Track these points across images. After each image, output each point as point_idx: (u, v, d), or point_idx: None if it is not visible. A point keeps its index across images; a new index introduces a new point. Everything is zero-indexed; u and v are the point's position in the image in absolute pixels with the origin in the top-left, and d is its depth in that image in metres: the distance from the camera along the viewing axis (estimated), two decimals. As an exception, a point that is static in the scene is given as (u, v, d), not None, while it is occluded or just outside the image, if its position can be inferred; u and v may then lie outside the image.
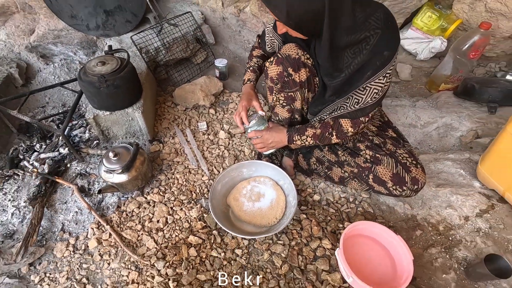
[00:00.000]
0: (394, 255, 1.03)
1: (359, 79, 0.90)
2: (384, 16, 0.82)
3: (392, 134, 1.16)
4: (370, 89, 0.90)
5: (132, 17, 1.69)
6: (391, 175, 1.04)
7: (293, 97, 1.06)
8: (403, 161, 1.05)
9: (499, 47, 1.60)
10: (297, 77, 1.00)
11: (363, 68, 0.88)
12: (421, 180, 1.03)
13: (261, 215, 1.16)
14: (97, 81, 1.14)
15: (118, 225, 1.16)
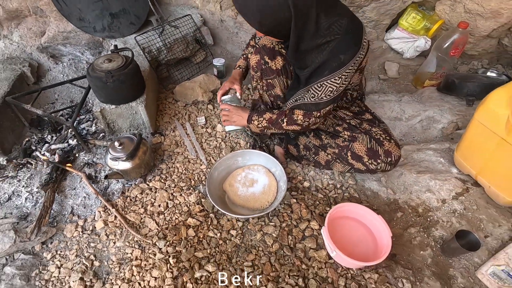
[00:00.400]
0: (375, 233, 1.12)
1: (319, 76, 1.00)
2: (347, 24, 0.92)
3: (368, 117, 1.25)
4: (325, 86, 1.00)
5: (135, 19, 1.81)
6: (366, 150, 1.13)
7: (272, 84, 1.18)
8: (376, 136, 1.15)
9: (480, 45, 1.70)
10: (273, 64, 1.12)
11: (322, 67, 0.99)
12: (394, 153, 1.12)
13: (254, 199, 1.26)
14: (104, 76, 1.25)
15: (123, 209, 1.26)
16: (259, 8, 0.87)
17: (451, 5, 1.61)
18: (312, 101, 1.05)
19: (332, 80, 0.98)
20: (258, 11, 0.87)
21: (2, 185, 1.30)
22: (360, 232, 1.15)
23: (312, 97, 1.04)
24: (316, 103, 1.05)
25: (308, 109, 1.07)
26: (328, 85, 0.99)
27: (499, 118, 0.95)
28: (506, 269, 0.95)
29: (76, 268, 1.09)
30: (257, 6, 0.86)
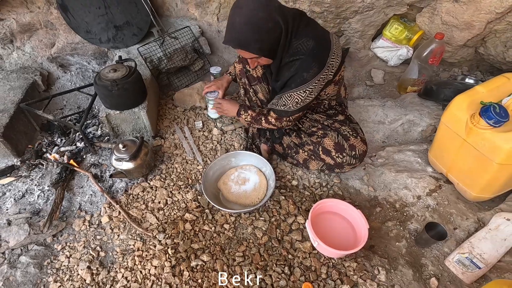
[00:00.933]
0: (355, 225, 1.24)
1: (288, 87, 1.16)
2: (312, 45, 1.06)
3: (341, 118, 1.38)
4: (293, 97, 1.16)
5: (138, 31, 1.95)
6: (334, 144, 1.27)
7: (255, 89, 1.33)
8: (344, 133, 1.29)
9: (458, 54, 1.82)
10: (254, 72, 1.27)
11: (290, 81, 1.15)
12: (358, 147, 1.25)
13: (246, 196, 1.38)
14: (110, 85, 1.38)
15: (126, 205, 1.37)
16: (256, 38, 0.98)
17: (429, 17, 1.74)
18: (282, 108, 1.22)
19: (297, 92, 1.14)
20: (255, 41, 0.98)
21: (16, 183, 1.43)
22: (341, 225, 1.26)
23: (283, 105, 1.21)
24: (285, 111, 1.22)
25: (280, 114, 1.25)
26: (294, 96, 1.16)
27: (460, 121, 1.07)
28: (469, 257, 1.06)
29: (83, 258, 1.21)
30: (253, 36, 0.97)
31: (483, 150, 1.02)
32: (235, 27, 0.95)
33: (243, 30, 0.94)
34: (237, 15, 0.94)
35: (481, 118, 0.98)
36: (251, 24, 0.94)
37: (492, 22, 1.53)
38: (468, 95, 1.08)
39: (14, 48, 1.82)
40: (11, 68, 1.82)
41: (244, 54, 1.06)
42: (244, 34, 0.95)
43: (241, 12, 0.94)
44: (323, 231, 1.20)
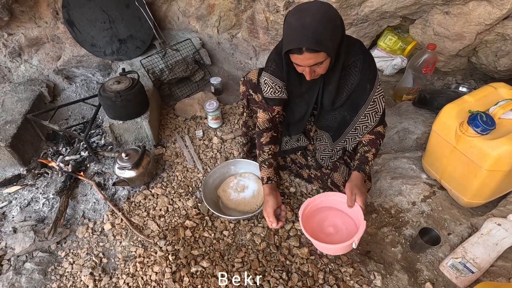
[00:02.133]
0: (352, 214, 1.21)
1: (362, 94, 1.07)
2: (360, 43, 1.06)
3: None
4: (377, 100, 1.09)
5: (141, 44, 2.02)
6: (344, 181, 1.29)
7: (255, 110, 1.33)
8: None
9: (451, 63, 1.88)
10: (256, 98, 1.28)
11: (361, 83, 1.05)
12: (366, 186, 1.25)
13: (244, 203, 1.41)
14: (114, 96, 1.43)
15: (128, 213, 1.41)
16: (330, 35, 0.89)
17: (422, 28, 1.80)
18: (380, 115, 1.12)
19: (377, 90, 1.08)
20: (330, 39, 0.90)
21: (22, 192, 1.47)
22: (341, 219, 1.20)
23: (375, 113, 1.11)
24: (383, 113, 1.14)
25: (382, 121, 1.17)
26: (377, 95, 1.08)
27: (450, 129, 1.11)
28: (462, 261, 1.08)
29: (86, 265, 1.24)
30: (328, 33, 0.89)
31: (472, 157, 1.05)
32: (307, 27, 0.87)
33: (319, 28, 0.86)
34: (307, 16, 0.87)
35: (469, 126, 1.02)
36: (326, 21, 0.88)
37: (482, 33, 1.59)
38: (457, 104, 1.12)
39: (22, 61, 1.89)
40: (18, 80, 1.89)
41: (311, 59, 0.91)
42: (320, 31, 0.87)
43: (310, 13, 0.88)
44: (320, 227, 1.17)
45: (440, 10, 1.64)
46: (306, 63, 0.93)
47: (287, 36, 0.92)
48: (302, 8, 0.90)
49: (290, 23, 0.91)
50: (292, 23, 0.90)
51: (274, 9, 1.81)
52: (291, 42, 0.90)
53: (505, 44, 1.58)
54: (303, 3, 0.93)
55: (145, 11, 1.90)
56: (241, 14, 2.12)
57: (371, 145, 1.16)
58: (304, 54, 0.90)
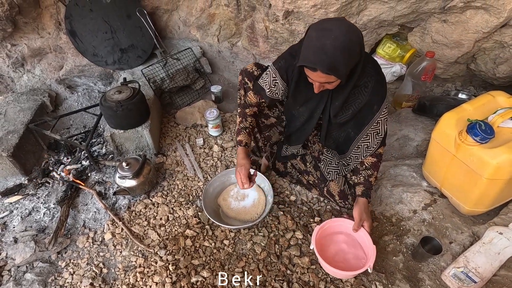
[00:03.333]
0: (362, 243, 1.24)
1: (368, 113, 1.11)
2: (375, 64, 1.07)
3: None
4: (381, 122, 1.13)
5: (142, 53, 2.05)
6: (339, 191, 1.31)
7: None
8: (349, 181, 1.32)
9: (450, 70, 1.88)
10: (251, 86, 1.30)
11: (369, 104, 1.09)
12: None
13: (245, 211, 1.41)
14: (115, 106, 1.45)
15: (129, 222, 1.41)
16: (346, 62, 0.91)
17: (420, 36, 1.81)
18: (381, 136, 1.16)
19: (382, 113, 1.11)
20: (345, 65, 0.91)
21: (23, 202, 1.48)
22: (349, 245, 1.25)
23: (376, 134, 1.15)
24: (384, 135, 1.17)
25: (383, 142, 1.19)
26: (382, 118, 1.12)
27: (450, 137, 1.11)
28: (464, 271, 1.07)
29: (87, 275, 1.24)
30: (344, 60, 0.90)
31: (472, 166, 1.05)
32: (326, 51, 0.87)
33: (336, 55, 0.87)
34: (327, 38, 0.87)
35: (468, 135, 1.02)
36: (344, 49, 0.88)
37: (480, 41, 1.60)
38: (456, 113, 1.13)
39: (25, 71, 1.92)
40: (21, 90, 1.91)
41: (322, 78, 0.94)
42: (337, 59, 0.88)
43: (331, 35, 0.87)
44: (331, 253, 1.22)
45: (438, 19, 1.65)
46: (317, 80, 0.98)
47: (305, 50, 0.93)
48: (326, 27, 0.89)
49: (311, 39, 0.92)
50: (313, 40, 0.91)
51: (273, 18, 1.83)
52: (307, 59, 0.92)
53: (503, 52, 1.59)
54: (328, 21, 0.93)
55: (146, 22, 1.93)
56: (241, 23, 2.15)
57: (374, 168, 1.21)
58: (318, 73, 0.93)
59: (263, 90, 1.22)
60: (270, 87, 1.19)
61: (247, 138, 1.29)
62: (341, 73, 0.92)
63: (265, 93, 1.22)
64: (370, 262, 1.12)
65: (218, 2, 2.07)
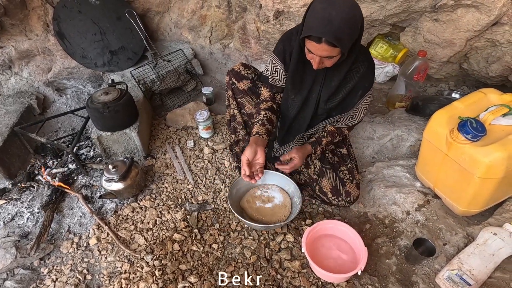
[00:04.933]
0: (353, 246, 1.21)
1: (353, 98, 1.16)
2: (367, 49, 1.11)
3: (344, 151, 1.39)
4: (361, 109, 1.20)
5: (133, 55, 2.02)
6: (331, 188, 1.28)
7: (242, 103, 1.35)
8: (341, 176, 1.29)
9: (443, 70, 1.87)
10: (240, 86, 1.30)
11: (358, 87, 1.13)
12: (353, 193, 1.26)
13: (271, 214, 1.34)
14: (101, 107, 1.41)
15: (115, 226, 1.37)
16: (350, 35, 0.92)
17: (412, 35, 1.80)
18: (354, 123, 1.27)
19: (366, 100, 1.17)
20: (349, 38, 0.93)
21: (6, 206, 1.43)
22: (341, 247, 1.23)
23: (356, 119, 1.25)
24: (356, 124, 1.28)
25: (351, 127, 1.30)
26: (363, 106, 1.19)
27: (441, 136, 1.08)
28: (458, 273, 1.04)
29: (70, 282, 1.19)
30: (348, 32, 0.91)
31: (464, 164, 1.03)
32: (332, 21, 0.88)
33: (342, 26, 0.88)
34: (333, 9, 0.88)
35: (459, 133, 0.99)
36: (349, 21, 0.89)
37: (472, 40, 1.58)
38: (446, 111, 1.10)
39: (12, 74, 1.88)
40: (8, 93, 1.87)
41: (326, 51, 0.93)
42: (342, 30, 0.89)
43: (337, 6, 0.88)
44: (323, 255, 1.20)
45: (429, 18, 1.64)
46: (320, 53, 0.95)
47: (310, 22, 0.93)
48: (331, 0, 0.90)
49: (315, 11, 0.91)
50: (318, 11, 0.90)
51: (264, 19, 1.82)
52: (313, 29, 0.91)
53: (495, 50, 1.58)
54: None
55: (136, 23, 1.91)
56: (232, 25, 2.13)
57: (330, 135, 1.28)
58: (322, 44, 0.91)
59: (266, 78, 1.24)
60: (271, 73, 1.23)
61: (260, 128, 1.20)
62: (345, 45, 0.92)
63: (268, 81, 1.24)
64: (361, 264, 1.09)
65: (209, 3, 2.06)
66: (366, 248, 1.13)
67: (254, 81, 1.38)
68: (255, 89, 1.38)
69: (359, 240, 1.17)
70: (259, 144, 1.14)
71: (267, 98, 1.27)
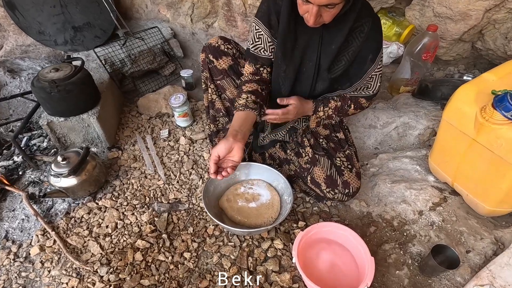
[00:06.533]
0: (350, 247, 0.99)
1: (361, 65, 0.95)
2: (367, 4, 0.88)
3: (341, 136, 1.16)
4: (376, 77, 0.99)
5: (101, 33, 1.75)
6: (325, 177, 1.05)
7: (222, 86, 1.10)
8: (338, 164, 1.06)
9: (453, 50, 1.65)
10: (219, 64, 1.04)
11: (363, 53, 0.92)
12: (352, 184, 1.03)
13: (256, 215, 1.11)
14: (48, 86, 1.16)
15: (65, 232, 1.12)
16: None
17: (420, 9, 1.57)
18: (371, 93, 1.04)
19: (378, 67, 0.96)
20: None
21: None
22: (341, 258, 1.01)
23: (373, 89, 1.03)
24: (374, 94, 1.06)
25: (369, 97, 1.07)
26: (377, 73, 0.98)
27: (467, 116, 0.86)
28: (490, 290, 0.82)
29: (-1, 303, 0.94)
30: None
31: (499, 151, 0.80)
32: None
33: None
34: None
35: (495, 111, 0.77)
36: None
37: (491, 11, 1.36)
38: (474, 84, 0.88)
39: (-45, 52, 1.61)
40: (-50, 74, 1.60)
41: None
42: None
43: None
44: (318, 268, 0.97)
45: (440, -14, 1.42)
46: (318, 1, 0.73)
47: None
48: None
49: None
50: None
51: (251, -10, 1.57)
52: None
53: (517, 23, 1.37)
54: None
55: (102, -6, 1.64)
56: (216, 0, 1.88)
57: (341, 100, 1.05)
58: None
59: (248, 50, 1.01)
60: (254, 41, 0.97)
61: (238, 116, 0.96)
62: None
63: (250, 52, 0.99)
64: (367, 279, 0.86)
65: (189, -26, 1.80)
66: (372, 258, 0.90)
67: (236, 58, 1.12)
68: (238, 69, 1.12)
69: (363, 248, 0.95)
70: (238, 139, 0.87)
71: (250, 76, 1.02)
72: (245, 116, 0.92)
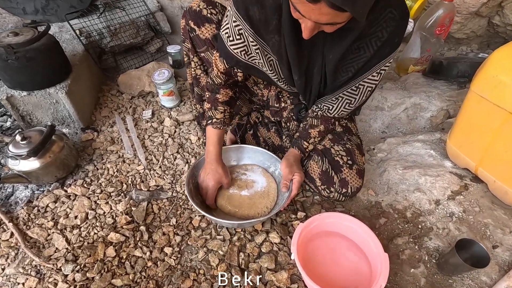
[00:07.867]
0: (365, 248, 0.85)
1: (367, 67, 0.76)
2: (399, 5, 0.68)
3: (338, 129, 1.01)
4: (363, 87, 0.81)
5: (78, 2, 1.56)
6: (320, 172, 0.91)
7: (206, 59, 0.93)
8: (336, 158, 0.92)
9: (468, 26, 1.51)
10: (201, 33, 0.87)
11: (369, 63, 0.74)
12: (351, 183, 0.89)
13: (249, 204, 0.96)
14: (5, 52, 0.98)
15: (25, 223, 0.96)
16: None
17: (433, -21, 1.42)
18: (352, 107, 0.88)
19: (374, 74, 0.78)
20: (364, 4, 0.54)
21: None
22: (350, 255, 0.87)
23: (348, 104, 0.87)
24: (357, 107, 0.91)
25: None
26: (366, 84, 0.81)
27: (505, 86, 0.71)
28: (526, 292, 0.69)
29: None
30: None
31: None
32: None
33: None
34: None
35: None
36: None
37: (515, -22, 1.22)
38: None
39: None
40: None
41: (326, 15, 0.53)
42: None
43: None
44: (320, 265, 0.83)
45: (459, -51, 1.26)
46: (315, 18, 0.55)
47: None
48: None
49: None
50: None
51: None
52: None
53: (544, -7, 1.22)
54: None
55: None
56: (207, -31, 1.69)
57: (322, 121, 0.91)
58: (321, 4, 0.50)
59: (222, 42, 0.79)
60: (234, 38, 0.76)
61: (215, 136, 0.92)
62: (361, 9, 0.52)
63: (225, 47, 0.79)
64: (381, 280, 0.73)
65: None
66: (386, 254, 0.77)
67: None
68: None
69: (374, 242, 0.81)
70: (219, 161, 0.93)
71: (222, 76, 0.86)
72: (222, 134, 0.93)
